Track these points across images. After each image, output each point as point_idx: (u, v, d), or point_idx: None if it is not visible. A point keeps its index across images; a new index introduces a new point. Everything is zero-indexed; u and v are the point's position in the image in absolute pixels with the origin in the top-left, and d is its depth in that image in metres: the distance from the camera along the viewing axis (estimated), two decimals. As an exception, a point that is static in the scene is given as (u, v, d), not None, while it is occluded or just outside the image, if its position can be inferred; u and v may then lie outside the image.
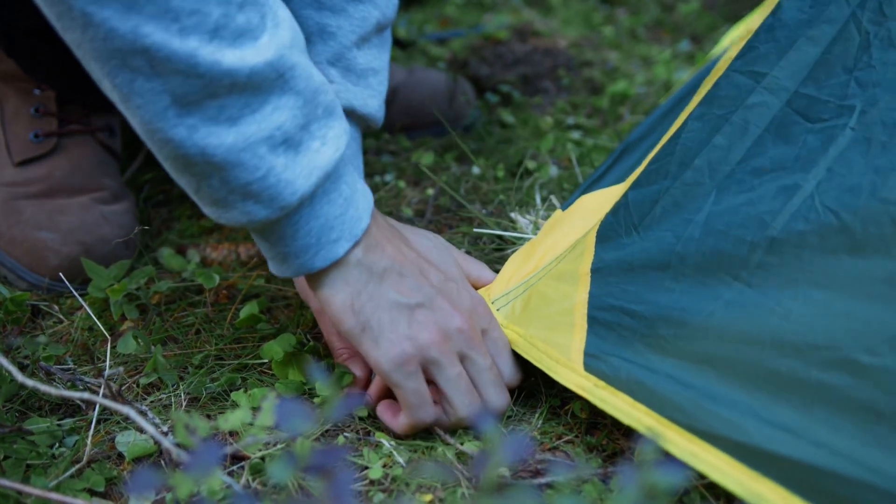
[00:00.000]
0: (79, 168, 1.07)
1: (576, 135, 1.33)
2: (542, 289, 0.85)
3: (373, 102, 0.95)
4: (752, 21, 0.81)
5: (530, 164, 1.22)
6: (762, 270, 0.70)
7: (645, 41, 1.75)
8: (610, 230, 0.83)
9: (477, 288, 0.87)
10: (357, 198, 0.77)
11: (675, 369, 0.71)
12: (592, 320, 0.79)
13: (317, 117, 0.73)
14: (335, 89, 0.93)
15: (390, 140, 1.33)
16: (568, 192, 1.16)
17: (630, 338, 0.75)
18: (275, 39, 0.69)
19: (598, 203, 0.95)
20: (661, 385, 0.71)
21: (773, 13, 0.79)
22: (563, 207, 0.99)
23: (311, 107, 0.72)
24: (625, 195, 0.84)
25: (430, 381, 0.78)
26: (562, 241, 0.92)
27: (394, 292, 0.77)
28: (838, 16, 0.76)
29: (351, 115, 0.94)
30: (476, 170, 1.23)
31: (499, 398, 0.79)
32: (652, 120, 1.08)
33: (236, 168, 0.70)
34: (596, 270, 0.82)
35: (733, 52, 0.82)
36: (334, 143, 0.74)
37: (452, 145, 1.30)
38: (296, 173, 0.71)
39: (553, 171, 1.21)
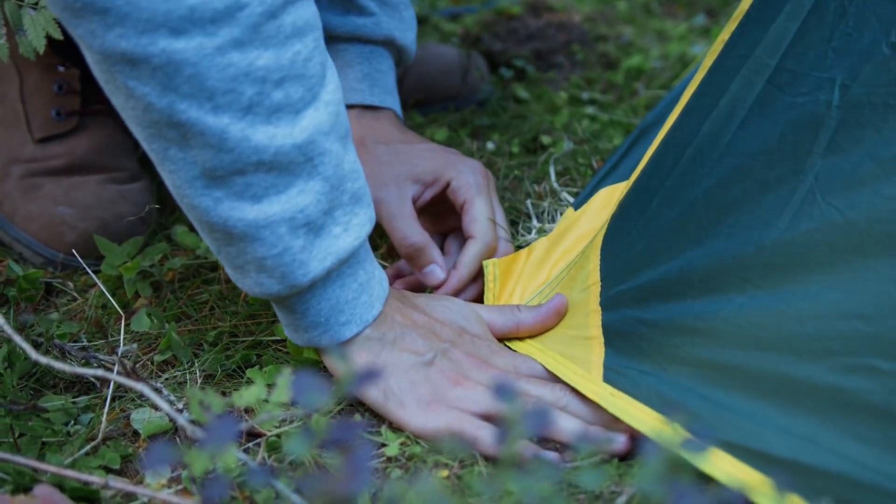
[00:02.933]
0: (99, 148, 1.07)
1: (590, 110, 1.31)
2: None
3: (409, 35, 1.01)
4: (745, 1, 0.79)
5: (545, 140, 1.21)
6: (770, 270, 0.69)
7: (659, 16, 1.73)
8: (614, 234, 0.83)
9: (507, 338, 0.86)
10: (373, 284, 0.78)
11: (694, 380, 0.71)
12: (608, 331, 0.78)
13: (341, 203, 0.74)
14: (376, 20, 0.98)
15: (403, 116, 1.32)
16: (583, 166, 1.15)
17: (647, 349, 0.74)
18: (313, 122, 0.70)
19: (607, 201, 0.94)
20: (681, 398, 0.71)
21: None
22: (575, 205, 0.99)
23: (337, 193, 0.73)
24: (626, 195, 0.83)
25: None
26: (574, 247, 0.93)
27: (407, 354, 0.77)
28: None
29: (390, 45, 0.99)
30: (491, 145, 1.22)
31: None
32: (664, 104, 1.07)
33: (254, 242, 0.72)
34: (605, 278, 0.81)
35: (725, 35, 0.80)
36: (356, 230, 0.75)
37: (466, 121, 1.29)
38: (311, 255, 0.73)
39: (568, 145, 1.20)
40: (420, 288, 0.93)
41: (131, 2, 0.63)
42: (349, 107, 0.99)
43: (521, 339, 0.84)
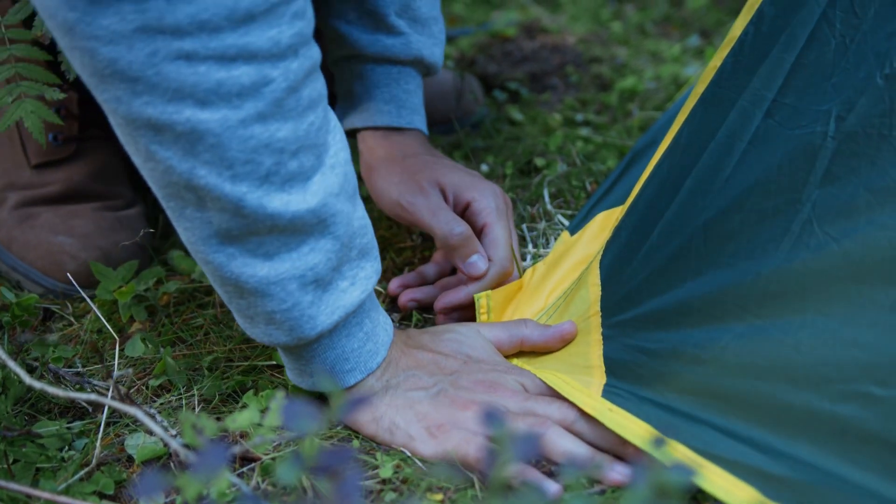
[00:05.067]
0: (96, 174, 1.07)
1: (585, 131, 1.32)
2: None
3: (437, 51, 1.02)
4: (735, 26, 0.79)
5: (539, 162, 1.22)
6: (768, 300, 0.70)
7: (653, 37, 1.74)
8: (613, 261, 0.83)
9: (515, 353, 0.87)
10: (378, 332, 0.79)
11: (693, 407, 0.71)
12: (609, 360, 0.79)
13: (349, 259, 0.75)
14: (405, 40, 0.99)
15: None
16: (577, 188, 1.15)
17: (647, 376, 0.75)
18: (323, 185, 0.71)
19: (604, 225, 0.95)
20: (679, 421, 0.71)
21: (753, 21, 0.78)
22: (571, 229, 0.99)
23: (346, 250, 0.75)
24: (622, 221, 0.84)
25: None
26: (571, 273, 0.93)
27: (413, 392, 0.79)
28: (809, 18, 0.74)
29: (418, 64, 1.00)
30: (485, 167, 1.23)
31: (559, 411, 0.77)
32: (657, 128, 1.07)
33: (265, 297, 0.73)
34: (606, 308, 0.82)
35: (717, 62, 0.80)
36: (363, 284, 0.77)
37: (461, 143, 1.29)
38: (319, 310, 0.74)
39: (561, 167, 1.20)
40: (431, 302, 0.95)
41: (161, 72, 0.63)
42: (376, 129, 1.01)
43: (524, 355, 0.85)
